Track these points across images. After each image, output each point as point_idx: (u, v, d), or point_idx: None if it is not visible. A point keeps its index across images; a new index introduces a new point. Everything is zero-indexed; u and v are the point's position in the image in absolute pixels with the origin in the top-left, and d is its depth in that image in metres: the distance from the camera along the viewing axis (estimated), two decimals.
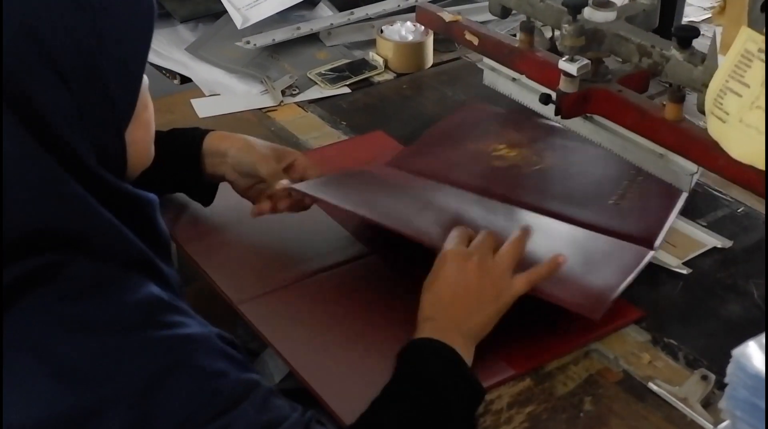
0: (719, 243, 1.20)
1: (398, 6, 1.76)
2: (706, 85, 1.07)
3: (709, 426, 0.94)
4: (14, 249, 0.78)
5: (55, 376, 0.77)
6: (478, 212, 1.19)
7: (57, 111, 0.80)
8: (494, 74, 1.48)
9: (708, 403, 0.97)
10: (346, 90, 1.59)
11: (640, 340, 1.06)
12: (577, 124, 1.32)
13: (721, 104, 1.04)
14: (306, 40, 1.71)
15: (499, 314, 1.01)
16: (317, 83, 1.59)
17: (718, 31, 1.34)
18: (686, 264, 1.17)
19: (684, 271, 1.16)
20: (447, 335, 0.97)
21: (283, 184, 1.15)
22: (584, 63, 1.21)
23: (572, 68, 1.21)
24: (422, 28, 1.64)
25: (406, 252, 1.14)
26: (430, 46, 1.65)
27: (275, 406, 0.84)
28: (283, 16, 1.75)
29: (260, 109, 1.53)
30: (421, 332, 0.98)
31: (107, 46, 0.82)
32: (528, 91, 1.40)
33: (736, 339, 0.78)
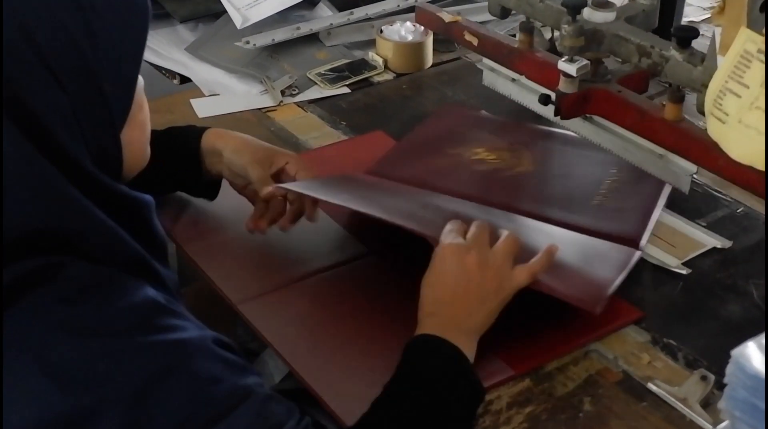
0: (719, 243, 1.20)
1: (398, 6, 1.76)
2: (705, 86, 1.07)
3: (709, 426, 0.94)
4: (11, 250, 0.79)
5: (51, 377, 0.77)
6: (467, 212, 1.19)
7: (52, 113, 0.80)
8: (494, 74, 1.48)
9: (707, 404, 0.97)
10: (346, 90, 1.59)
11: (640, 340, 1.06)
12: (576, 125, 1.32)
13: (720, 105, 1.04)
14: (306, 40, 1.71)
15: (500, 307, 1.00)
16: (317, 83, 1.59)
17: (718, 32, 1.34)
18: (686, 264, 1.17)
19: (683, 272, 1.16)
20: (450, 331, 0.96)
21: (268, 191, 1.16)
22: (584, 63, 1.21)
23: (572, 69, 1.21)
24: (422, 28, 1.64)
25: (405, 252, 1.15)
26: (429, 47, 1.65)
27: (271, 413, 0.83)
28: (283, 16, 1.75)
29: (260, 109, 1.53)
30: (424, 328, 0.97)
31: (102, 47, 0.82)
32: (527, 92, 1.40)
33: (736, 339, 0.78)
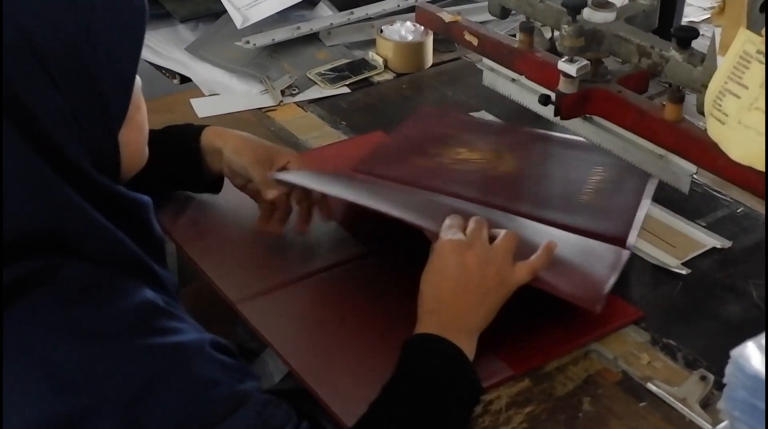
0: (718, 243, 1.20)
1: (398, 6, 1.76)
2: (705, 86, 1.08)
3: (708, 426, 0.94)
4: (9, 251, 0.78)
5: (49, 378, 0.77)
6: (463, 208, 1.19)
7: (49, 114, 0.80)
8: (494, 75, 1.48)
9: (707, 404, 0.97)
10: (346, 90, 1.59)
11: (639, 340, 1.06)
12: (576, 125, 1.32)
13: (720, 105, 1.04)
14: (306, 39, 1.71)
15: (500, 304, 1.00)
16: (317, 83, 1.59)
17: (718, 32, 1.34)
18: (685, 264, 1.17)
19: (683, 272, 1.16)
20: (450, 330, 0.96)
21: (274, 195, 1.16)
22: (584, 64, 1.22)
23: (571, 69, 1.21)
24: (422, 28, 1.64)
25: (404, 252, 1.15)
26: (429, 46, 1.65)
27: (269, 417, 0.83)
28: (283, 16, 1.75)
29: (260, 108, 1.53)
30: (424, 326, 0.97)
31: (99, 48, 0.82)
32: (527, 92, 1.41)
33: (735, 339, 0.78)
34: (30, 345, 0.78)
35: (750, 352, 0.75)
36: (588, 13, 1.23)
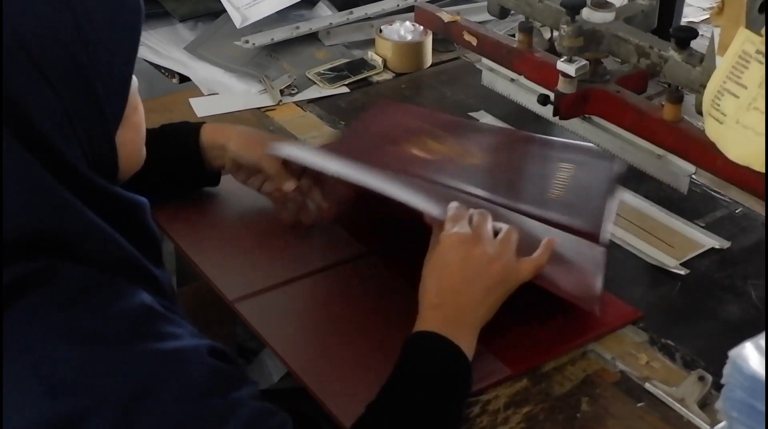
0: (717, 244, 1.20)
1: (397, 6, 1.76)
2: (704, 86, 1.08)
3: (706, 427, 0.94)
4: (4, 253, 0.78)
5: (43, 381, 0.77)
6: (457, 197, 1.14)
7: (46, 116, 0.79)
8: (493, 74, 1.48)
9: (705, 404, 0.97)
10: (345, 89, 1.59)
11: (638, 340, 1.06)
12: (575, 125, 1.32)
13: (718, 105, 1.04)
14: (305, 39, 1.71)
15: (502, 300, 1.00)
16: (316, 83, 1.59)
17: (717, 32, 1.34)
18: (684, 265, 1.17)
19: (682, 272, 1.16)
20: (452, 326, 0.95)
21: (290, 187, 1.16)
22: (582, 64, 1.22)
23: (570, 69, 1.21)
24: (421, 27, 1.64)
25: (403, 252, 1.15)
26: (428, 46, 1.65)
27: (261, 426, 0.82)
28: (282, 16, 1.75)
29: (259, 108, 1.53)
30: (426, 322, 0.96)
31: (94, 49, 0.82)
32: (526, 92, 1.41)
33: (734, 340, 0.78)
34: (27, 346, 0.78)
35: (748, 352, 0.75)
36: (587, 13, 1.23)
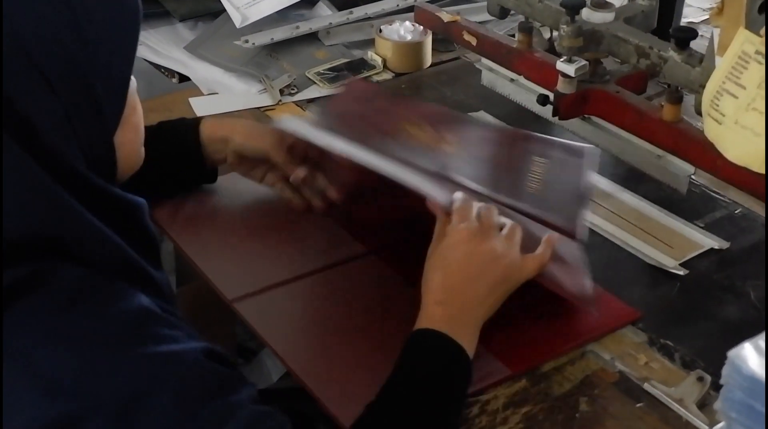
0: (716, 244, 1.20)
1: (397, 5, 1.76)
2: (703, 86, 1.08)
3: (705, 427, 0.94)
4: (3, 255, 0.78)
5: (40, 384, 0.77)
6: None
7: (44, 117, 0.79)
8: (492, 75, 1.48)
9: (704, 405, 0.97)
10: None
11: (637, 341, 1.06)
12: (575, 125, 1.32)
13: (717, 106, 1.04)
14: (305, 39, 1.71)
15: (506, 296, 0.99)
16: (316, 82, 1.59)
17: (716, 33, 1.34)
18: (683, 265, 1.17)
19: (681, 273, 1.16)
20: (456, 323, 0.95)
21: (300, 176, 1.18)
22: (582, 64, 1.22)
23: (570, 69, 1.21)
24: (421, 27, 1.64)
25: (403, 249, 1.15)
26: (428, 46, 1.65)
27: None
28: (282, 15, 1.75)
29: (258, 108, 1.53)
30: (430, 319, 0.95)
31: (93, 50, 0.82)
32: (526, 92, 1.41)
33: (733, 340, 0.78)
34: (25, 348, 0.77)
35: (747, 353, 0.75)
36: (587, 14, 1.23)
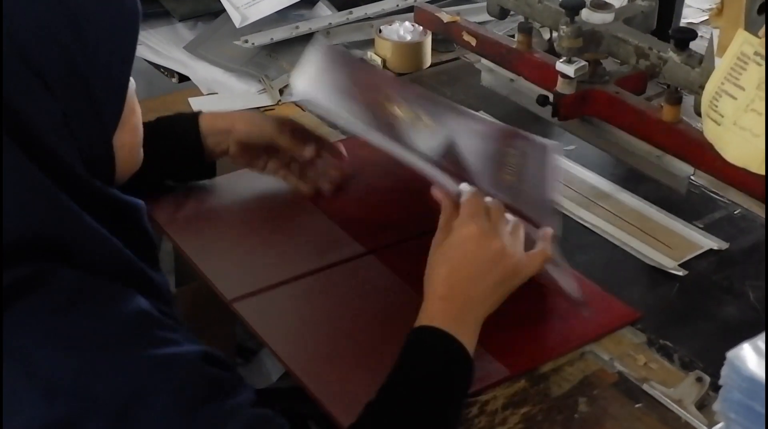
0: (715, 245, 1.20)
1: (397, 6, 1.76)
2: (703, 87, 1.08)
3: (704, 428, 0.94)
4: (2, 257, 0.78)
5: (39, 386, 0.77)
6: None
7: (43, 119, 0.79)
8: (492, 75, 1.48)
9: (703, 405, 0.97)
10: None
11: (636, 341, 1.06)
12: (574, 126, 1.32)
13: (716, 107, 1.04)
14: (305, 39, 1.70)
15: (509, 293, 0.99)
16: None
17: (716, 33, 1.34)
18: (682, 266, 1.17)
19: (680, 273, 1.16)
20: (459, 320, 0.95)
21: (310, 153, 1.22)
22: (582, 64, 1.22)
23: (570, 70, 1.21)
24: (421, 28, 1.64)
25: (402, 252, 1.15)
26: (428, 46, 1.65)
27: None
28: (282, 15, 1.75)
29: (258, 108, 1.53)
30: (434, 313, 0.95)
31: (92, 52, 0.82)
32: (525, 92, 1.41)
33: (732, 341, 0.78)
34: (23, 350, 0.77)
35: (746, 354, 0.75)
36: (586, 14, 1.23)
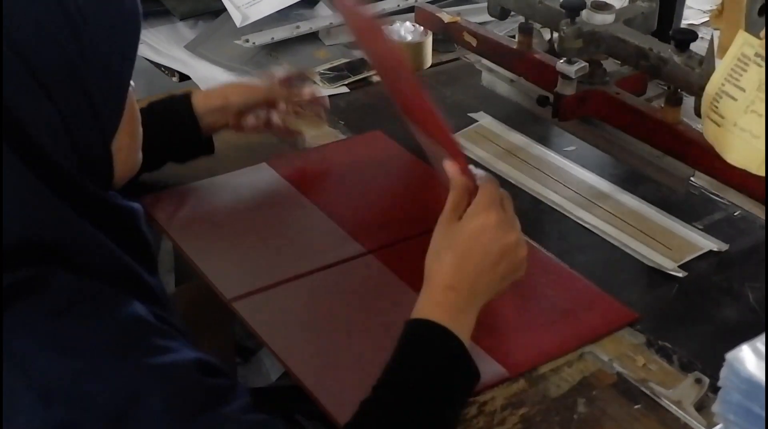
0: (715, 246, 1.20)
1: (397, 6, 1.76)
2: (703, 89, 1.08)
3: None
4: (1, 259, 0.78)
5: (35, 391, 0.76)
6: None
7: (41, 124, 0.79)
8: (492, 75, 1.48)
9: (702, 407, 0.97)
10: (345, 89, 1.59)
11: (635, 342, 1.06)
12: (574, 126, 1.32)
13: (716, 108, 1.04)
14: (305, 38, 1.71)
15: (510, 285, 0.99)
16: (316, 82, 1.59)
17: (716, 35, 1.34)
18: (682, 267, 1.17)
19: (679, 274, 1.16)
20: (461, 311, 0.94)
21: (310, 90, 1.31)
22: (582, 65, 1.22)
23: (570, 70, 1.21)
24: (421, 28, 1.64)
25: (402, 252, 1.15)
26: (429, 47, 1.65)
27: None
28: (283, 15, 1.75)
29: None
30: (436, 303, 0.94)
31: (91, 56, 0.81)
32: (526, 93, 1.41)
33: (731, 342, 0.78)
34: (19, 355, 0.77)
35: (745, 355, 0.75)
36: (587, 15, 1.23)
